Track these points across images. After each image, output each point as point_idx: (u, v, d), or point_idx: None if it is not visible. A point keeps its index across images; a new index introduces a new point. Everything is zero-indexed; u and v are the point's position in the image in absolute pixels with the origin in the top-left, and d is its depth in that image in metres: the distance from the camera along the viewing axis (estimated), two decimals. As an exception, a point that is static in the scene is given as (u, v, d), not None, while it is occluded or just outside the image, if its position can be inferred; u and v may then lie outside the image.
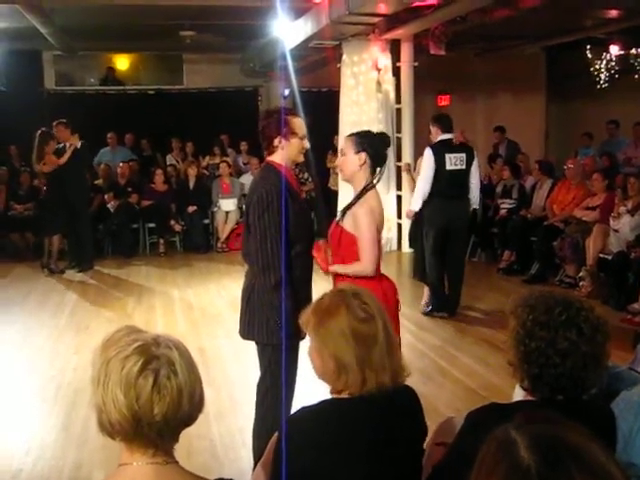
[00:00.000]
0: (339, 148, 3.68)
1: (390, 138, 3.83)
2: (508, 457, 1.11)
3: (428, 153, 6.78)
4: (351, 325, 1.97)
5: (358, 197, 3.54)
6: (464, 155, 6.79)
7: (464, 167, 6.78)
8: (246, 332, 3.67)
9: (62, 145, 9.16)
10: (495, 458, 1.14)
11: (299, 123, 3.56)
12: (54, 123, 9.17)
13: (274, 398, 3.50)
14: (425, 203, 6.95)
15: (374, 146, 3.56)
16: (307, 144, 3.59)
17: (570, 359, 1.83)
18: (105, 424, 1.56)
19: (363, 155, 3.52)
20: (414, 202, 6.96)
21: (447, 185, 6.71)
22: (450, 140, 6.81)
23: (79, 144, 9.14)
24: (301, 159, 3.68)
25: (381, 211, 3.57)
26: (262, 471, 2.39)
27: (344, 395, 2.01)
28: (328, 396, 2.07)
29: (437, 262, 6.91)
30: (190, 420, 1.63)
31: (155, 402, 1.52)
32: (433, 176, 6.76)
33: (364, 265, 3.45)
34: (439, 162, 6.70)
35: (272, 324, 3.46)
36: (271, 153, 3.53)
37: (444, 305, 7.01)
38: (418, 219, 7.18)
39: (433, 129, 6.92)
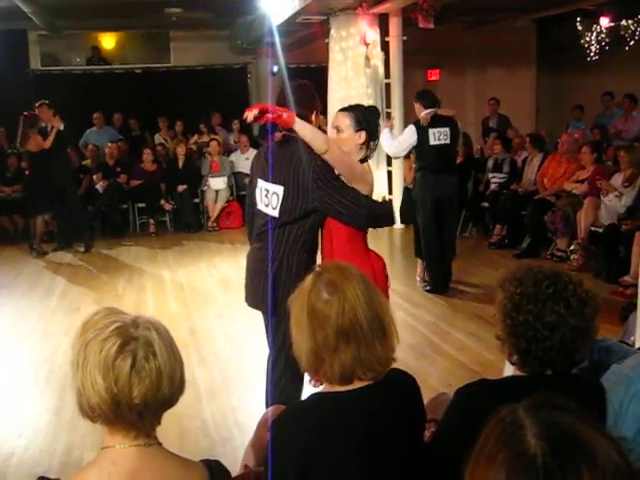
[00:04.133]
0: (333, 124, 3.53)
1: (380, 111, 3.76)
2: (513, 442, 1.05)
3: (412, 130, 6.75)
4: (310, 302, 1.87)
5: None
6: (448, 129, 6.73)
7: (448, 141, 6.74)
8: (260, 301, 3.47)
9: (45, 125, 9.09)
10: (499, 442, 1.07)
11: None
12: (36, 104, 9.10)
13: (289, 378, 3.44)
14: (415, 179, 6.98)
15: (371, 124, 3.49)
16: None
17: (558, 332, 1.81)
18: (85, 407, 1.53)
19: (364, 134, 3.42)
20: (387, 144, 6.96)
21: (433, 160, 6.68)
22: (434, 114, 6.70)
23: (62, 126, 9.06)
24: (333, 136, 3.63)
25: (372, 182, 3.50)
26: (252, 451, 2.37)
27: (331, 387, 1.92)
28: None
29: (433, 239, 6.85)
30: (171, 402, 1.59)
31: (134, 384, 1.50)
32: (419, 151, 6.78)
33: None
34: (423, 138, 6.66)
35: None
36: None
37: (442, 285, 6.97)
38: (410, 196, 7.17)
39: (416, 105, 6.86)
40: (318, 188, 3.24)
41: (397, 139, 7.06)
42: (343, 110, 3.54)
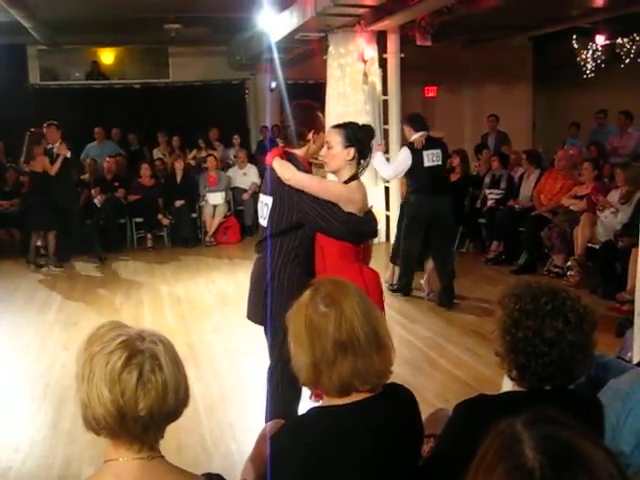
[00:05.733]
0: (325, 140, 3.61)
1: (374, 129, 3.81)
2: (511, 455, 1.07)
3: (406, 152, 6.92)
4: (308, 316, 1.91)
5: None
6: (439, 151, 6.94)
7: (440, 163, 6.96)
8: (259, 315, 3.59)
9: (51, 147, 9.02)
10: (497, 455, 1.09)
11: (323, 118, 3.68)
12: (45, 124, 9.01)
13: (286, 391, 3.50)
14: (409, 199, 7.17)
15: (362, 140, 3.55)
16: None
17: (557, 348, 1.83)
18: (90, 420, 1.55)
19: (352, 150, 3.49)
20: (383, 168, 7.24)
21: (428, 181, 6.86)
22: (427, 137, 6.92)
23: (68, 154, 9.04)
24: (321, 155, 3.69)
25: (363, 200, 3.54)
26: (251, 466, 2.37)
27: (330, 401, 1.94)
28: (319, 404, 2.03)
29: (415, 254, 7.11)
30: (176, 414, 1.61)
31: (140, 397, 1.51)
32: (413, 173, 6.95)
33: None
34: (417, 160, 6.84)
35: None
36: (295, 146, 3.56)
37: (408, 289, 7.33)
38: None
39: (406, 129, 7.10)
40: (301, 201, 3.39)
41: (392, 163, 7.28)
42: (335, 127, 3.62)
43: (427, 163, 6.84)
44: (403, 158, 6.95)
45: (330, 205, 3.37)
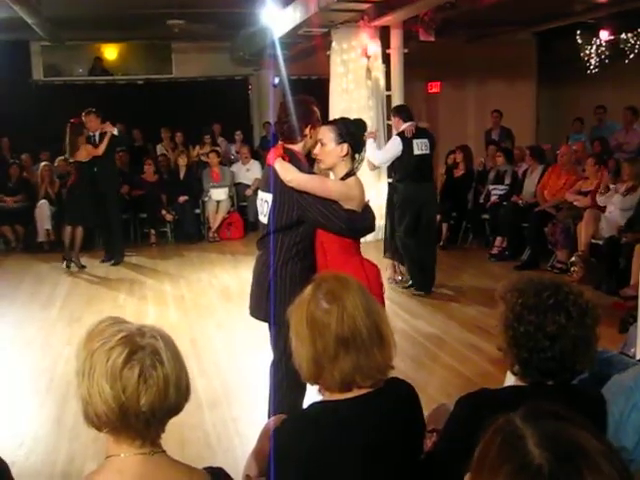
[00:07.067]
0: (318, 138, 3.60)
1: (365, 123, 3.81)
2: (516, 454, 1.04)
3: (397, 140, 7.18)
4: (310, 312, 1.91)
5: None
6: (427, 140, 7.21)
7: (428, 152, 7.21)
8: (262, 311, 3.61)
9: (92, 135, 8.97)
10: (501, 454, 1.06)
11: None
12: (83, 112, 8.94)
13: (289, 386, 3.50)
14: (397, 187, 7.41)
15: (354, 136, 3.56)
16: None
17: (559, 342, 1.83)
18: (91, 416, 1.54)
19: (345, 146, 3.50)
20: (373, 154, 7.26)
21: (416, 169, 7.12)
22: (415, 126, 7.21)
23: (115, 131, 9.00)
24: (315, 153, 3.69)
25: (361, 196, 3.54)
26: (254, 461, 2.37)
27: (332, 396, 1.94)
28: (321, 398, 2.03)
29: (413, 244, 7.22)
30: (177, 409, 1.61)
31: (142, 392, 1.51)
32: (402, 161, 7.17)
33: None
34: (407, 148, 7.08)
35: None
36: (293, 141, 3.56)
37: (422, 284, 7.32)
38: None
39: (394, 120, 7.44)
40: (302, 198, 3.41)
41: (383, 149, 7.49)
42: (326, 124, 3.64)
43: (417, 151, 7.10)
44: (393, 145, 7.20)
45: (330, 203, 3.40)
